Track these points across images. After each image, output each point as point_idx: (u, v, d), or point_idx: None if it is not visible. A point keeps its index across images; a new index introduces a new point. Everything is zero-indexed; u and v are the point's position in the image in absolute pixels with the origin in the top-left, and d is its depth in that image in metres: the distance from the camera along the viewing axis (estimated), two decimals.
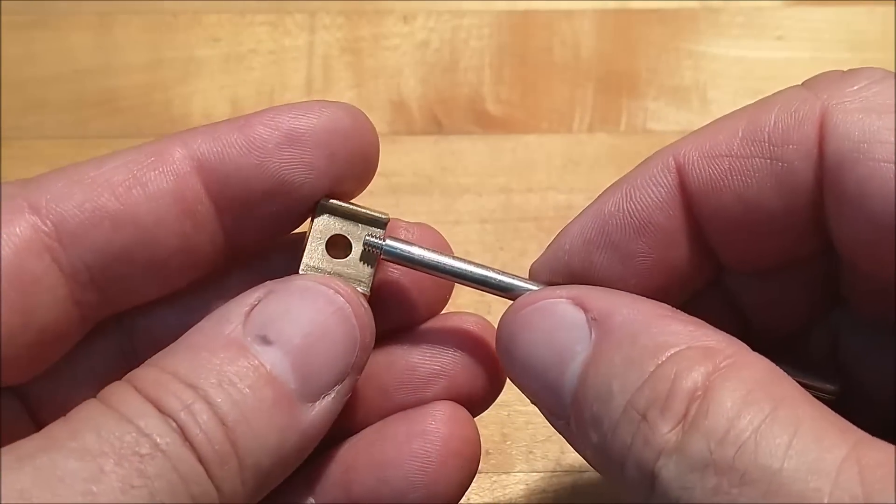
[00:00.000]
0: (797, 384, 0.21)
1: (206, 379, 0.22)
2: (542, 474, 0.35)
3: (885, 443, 0.19)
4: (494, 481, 0.35)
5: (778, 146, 0.23)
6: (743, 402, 0.20)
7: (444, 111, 0.44)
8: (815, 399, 0.21)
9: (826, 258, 0.25)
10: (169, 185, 0.24)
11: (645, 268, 0.25)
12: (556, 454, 0.35)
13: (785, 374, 0.21)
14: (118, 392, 0.22)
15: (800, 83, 0.25)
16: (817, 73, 0.25)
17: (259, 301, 0.24)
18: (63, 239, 0.24)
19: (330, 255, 0.26)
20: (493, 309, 0.38)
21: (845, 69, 0.24)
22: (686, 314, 0.23)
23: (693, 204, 0.25)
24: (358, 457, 0.26)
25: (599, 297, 0.24)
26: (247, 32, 0.46)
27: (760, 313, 0.27)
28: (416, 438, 0.26)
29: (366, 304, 0.25)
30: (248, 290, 0.24)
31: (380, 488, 0.26)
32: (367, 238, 0.26)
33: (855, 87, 0.23)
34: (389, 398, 0.27)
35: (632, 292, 0.25)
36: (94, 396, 0.22)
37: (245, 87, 0.44)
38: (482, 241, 0.40)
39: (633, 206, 0.25)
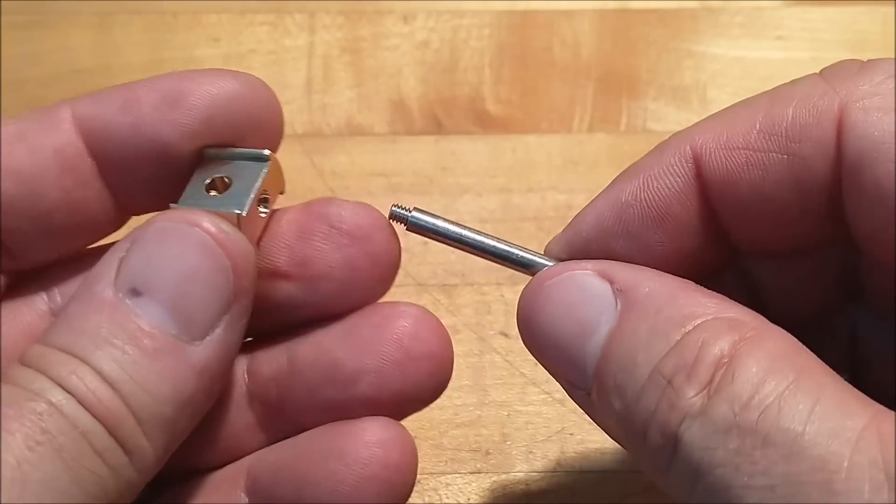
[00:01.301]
0: (818, 358, 0.21)
1: (85, 345, 0.22)
2: (542, 474, 0.35)
3: None
4: (494, 481, 0.35)
5: (795, 142, 0.24)
6: (768, 369, 0.20)
7: (444, 111, 0.44)
8: (835, 372, 0.21)
9: (845, 249, 0.26)
10: (50, 141, 0.26)
11: (661, 255, 0.25)
12: (556, 454, 0.35)
13: (806, 347, 0.22)
14: (10, 370, 0.22)
15: (817, 72, 0.25)
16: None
17: (126, 251, 0.24)
18: None
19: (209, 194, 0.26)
20: (493, 308, 0.38)
21: (864, 60, 0.24)
22: (708, 290, 0.24)
23: (709, 193, 0.25)
24: (279, 470, 0.26)
25: (625, 270, 0.24)
26: (247, 32, 0.46)
27: (777, 301, 0.27)
28: (333, 460, 0.25)
29: (230, 228, 0.24)
30: (118, 242, 0.24)
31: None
32: (395, 209, 0.26)
33: (873, 82, 0.23)
34: (316, 395, 0.26)
35: None
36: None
37: None
38: None
39: (651, 197, 0.25)
